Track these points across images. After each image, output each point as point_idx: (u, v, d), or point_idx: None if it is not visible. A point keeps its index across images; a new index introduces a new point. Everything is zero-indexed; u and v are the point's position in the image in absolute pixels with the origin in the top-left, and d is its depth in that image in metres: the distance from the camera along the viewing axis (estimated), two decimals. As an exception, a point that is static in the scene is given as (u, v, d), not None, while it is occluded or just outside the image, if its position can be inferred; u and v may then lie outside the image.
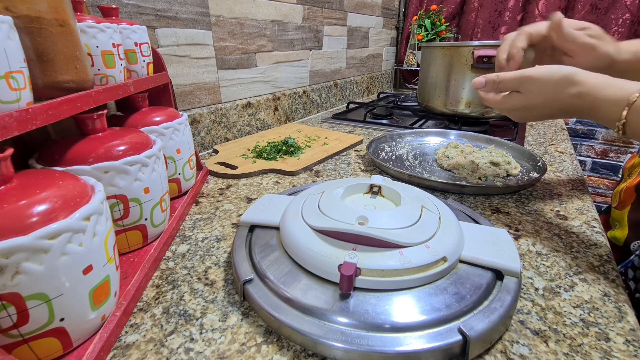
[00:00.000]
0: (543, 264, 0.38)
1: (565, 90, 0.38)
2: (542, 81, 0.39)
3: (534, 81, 0.39)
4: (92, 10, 0.52)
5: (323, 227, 0.33)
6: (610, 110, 0.35)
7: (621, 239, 0.57)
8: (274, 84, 0.96)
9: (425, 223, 0.33)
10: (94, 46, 0.39)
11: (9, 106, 0.25)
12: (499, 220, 0.47)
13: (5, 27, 0.24)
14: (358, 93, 1.41)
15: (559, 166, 0.66)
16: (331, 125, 1.00)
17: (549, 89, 0.39)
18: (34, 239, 0.22)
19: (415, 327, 0.27)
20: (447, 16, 1.52)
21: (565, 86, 0.38)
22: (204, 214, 0.50)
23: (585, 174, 1.53)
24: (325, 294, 0.29)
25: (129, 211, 0.37)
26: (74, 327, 0.26)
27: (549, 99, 0.39)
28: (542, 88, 0.39)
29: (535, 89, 0.40)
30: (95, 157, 0.34)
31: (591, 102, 0.37)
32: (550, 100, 0.39)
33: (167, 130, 0.47)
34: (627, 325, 0.30)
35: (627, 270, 0.53)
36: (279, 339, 0.29)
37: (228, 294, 0.34)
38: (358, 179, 0.42)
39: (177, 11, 0.66)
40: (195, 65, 0.73)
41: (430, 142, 0.79)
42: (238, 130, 0.85)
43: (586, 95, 0.37)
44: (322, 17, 1.10)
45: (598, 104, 0.36)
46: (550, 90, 0.39)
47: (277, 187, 0.58)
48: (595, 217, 0.48)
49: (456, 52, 0.88)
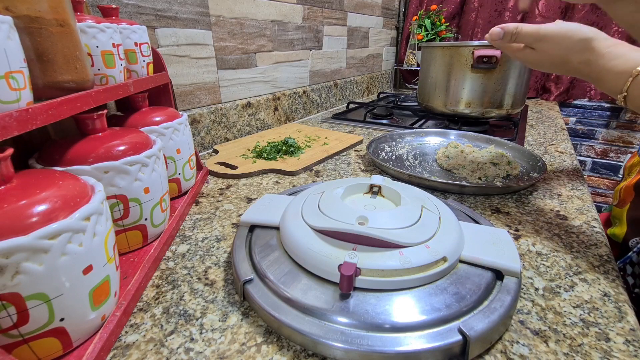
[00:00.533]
0: (543, 264, 0.38)
1: (576, 55, 0.38)
2: (556, 42, 0.39)
3: (549, 41, 0.40)
4: (92, 10, 0.52)
5: (323, 227, 0.33)
6: (614, 81, 0.36)
7: (620, 236, 0.59)
8: (274, 84, 0.96)
9: (425, 223, 0.33)
10: (94, 46, 0.39)
11: (9, 106, 0.25)
12: (499, 220, 0.47)
13: (5, 27, 0.24)
14: (358, 93, 1.41)
15: (559, 166, 0.66)
16: (331, 125, 1.00)
17: (561, 51, 0.39)
18: (34, 239, 0.22)
19: (415, 327, 0.27)
20: (447, 16, 1.52)
21: (578, 51, 0.38)
22: (204, 214, 0.50)
23: (585, 174, 1.53)
24: (325, 294, 0.29)
25: (129, 211, 0.37)
26: (74, 327, 0.26)
27: (558, 62, 0.40)
28: (555, 49, 0.40)
29: (548, 49, 0.40)
30: (95, 157, 0.34)
31: (598, 72, 0.37)
32: (558, 63, 0.40)
33: (167, 130, 0.47)
34: (627, 325, 0.30)
35: (625, 266, 0.54)
36: (279, 339, 0.29)
37: (228, 294, 0.34)
38: (358, 179, 0.42)
39: (177, 11, 0.66)
40: (195, 65, 0.73)
41: (430, 142, 0.79)
42: (238, 130, 0.85)
43: (594, 64, 0.37)
44: (322, 17, 1.10)
45: (604, 74, 0.36)
46: (561, 53, 0.39)
47: (277, 187, 0.58)
48: (595, 217, 0.47)
49: (456, 52, 0.88)
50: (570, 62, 0.39)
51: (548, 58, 0.41)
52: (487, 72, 0.85)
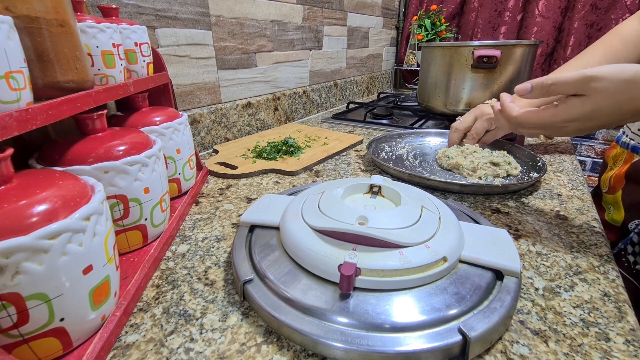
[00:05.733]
0: (543, 264, 0.38)
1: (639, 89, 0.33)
2: (613, 80, 0.34)
3: (604, 80, 0.34)
4: (92, 10, 0.52)
5: (323, 227, 0.33)
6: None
7: (619, 221, 0.64)
8: (274, 84, 0.96)
9: (425, 223, 0.33)
10: (94, 46, 0.39)
11: (9, 106, 0.25)
12: (499, 220, 0.47)
13: (5, 27, 0.24)
14: (358, 93, 1.41)
15: (559, 166, 0.66)
16: (331, 125, 1.00)
17: (624, 86, 0.33)
18: (34, 239, 0.22)
19: (415, 327, 0.27)
20: (447, 16, 1.52)
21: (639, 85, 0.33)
22: (204, 214, 0.50)
23: (585, 174, 1.53)
24: (325, 294, 0.29)
25: (129, 211, 0.37)
26: (74, 327, 0.26)
27: (625, 98, 0.34)
28: (616, 88, 0.34)
29: (606, 90, 0.34)
30: (95, 157, 0.34)
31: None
32: (626, 100, 0.34)
33: (167, 130, 0.47)
34: (627, 325, 0.30)
35: (626, 246, 0.60)
36: (279, 339, 0.29)
37: (228, 294, 0.34)
38: (358, 179, 0.42)
39: (177, 11, 0.66)
40: (195, 65, 0.73)
41: (430, 142, 0.79)
42: (238, 130, 0.85)
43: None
44: (322, 17, 1.10)
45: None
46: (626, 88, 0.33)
47: (277, 187, 0.58)
48: (595, 217, 0.47)
49: (456, 52, 0.88)
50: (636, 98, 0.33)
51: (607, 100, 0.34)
52: (487, 72, 0.85)
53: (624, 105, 0.34)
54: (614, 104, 0.35)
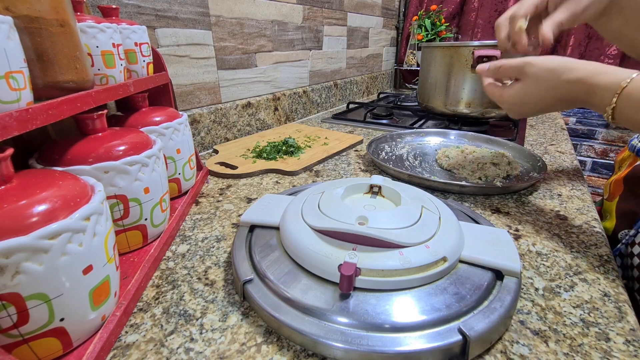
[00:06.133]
0: (543, 264, 0.38)
1: (563, 76, 0.38)
2: (541, 68, 0.39)
3: (534, 66, 0.39)
4: (92, 10, 0.52)
5: (323, 227, 0.33)
6: (603, 96, 0.36)
7: (610, 229, 0.60)
8: (274, 84, 0.96)
9: (425, 223, 0.33)
10: (94, 46, 0.39)
11: (9, 106, 0.25)
12: (499, 220, 0.47)
13: (5, 27, 0.24)
14: (358, 93, 1.41)
15: (559, 166, 0.66)
16: (331, 125, 1.00)
17: (548, 75, 0.39)
18: (34, 239, 0.22)
19: (415, 327, 0.27)
20: (447, 16, 1.52)
21: (563, 72, 0.38)
22: (204, 214, 0.50)
23: (585, 174, 1.53)
24: (325, 294, 0.29)
25: (129, 211, 0.37)
26: (74, 327, 0.26)
27: (548, 86, 0.39)
28: (541, 75, 0.39)
29: (533, 76, 0.40)
30: (95, 157, 0.34)
31: (587, 88, 0.37)
32: (549, 88, 0.39)
33: (167, 130, 0.47)
34: (627, 325, 0.30)
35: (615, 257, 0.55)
36: (279, 339, 0.29)
37: (228, 294, 0.34)
38: (358, 179, 0.42)
39: (177, 11, 0.66)
40: (195, 65, 0.73)
41: (430, 142, 0.79)
42: (238, 130, 0.85)
43: (584, 80, 0.37)
44: (322, 17, 1.10)
45: (593, 90, 0.37)
46: (549, 77, 0.39)
47: (277, 187, 0.58)
48: (595, 217, 0.48)
49: (456, 52, 0.88)
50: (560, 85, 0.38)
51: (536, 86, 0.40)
52: (487, 72, 0.85)
53: (547, 92, 0.39)
54: (539, 91, 0.40)
